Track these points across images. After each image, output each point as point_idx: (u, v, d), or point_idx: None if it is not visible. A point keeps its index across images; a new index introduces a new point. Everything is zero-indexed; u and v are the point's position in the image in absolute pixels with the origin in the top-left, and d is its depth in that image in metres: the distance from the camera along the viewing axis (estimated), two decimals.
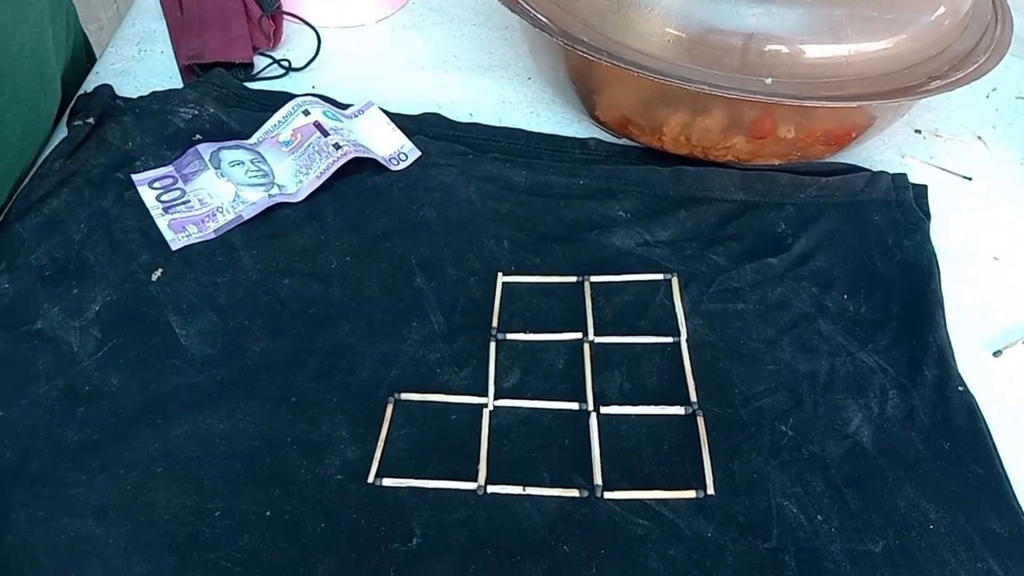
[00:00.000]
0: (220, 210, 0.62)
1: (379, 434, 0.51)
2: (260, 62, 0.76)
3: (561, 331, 0.57)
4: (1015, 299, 0.61)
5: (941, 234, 0.64)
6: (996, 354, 0.58)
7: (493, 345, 0.56)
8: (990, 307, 0.61)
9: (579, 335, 0.57)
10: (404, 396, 0.53)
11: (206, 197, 0.62)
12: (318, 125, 0.66)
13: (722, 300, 0.59)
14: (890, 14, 0.62)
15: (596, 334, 0.57)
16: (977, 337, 0.58)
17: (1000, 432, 0.53)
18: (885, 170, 0.67)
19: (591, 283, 0.59)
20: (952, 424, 0.53)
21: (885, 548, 0.47)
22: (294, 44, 0.79)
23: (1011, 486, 0.50)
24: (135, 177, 0.63)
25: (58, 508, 0.47)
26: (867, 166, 0.68)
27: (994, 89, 0.78)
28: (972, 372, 0.56)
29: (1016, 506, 0.49)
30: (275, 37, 0.77)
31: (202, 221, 0.61)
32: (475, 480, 0.49)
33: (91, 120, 0.67)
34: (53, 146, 0.65)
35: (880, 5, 0.62)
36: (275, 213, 0.62)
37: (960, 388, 0.54)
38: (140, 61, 0.76)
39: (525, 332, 0.57)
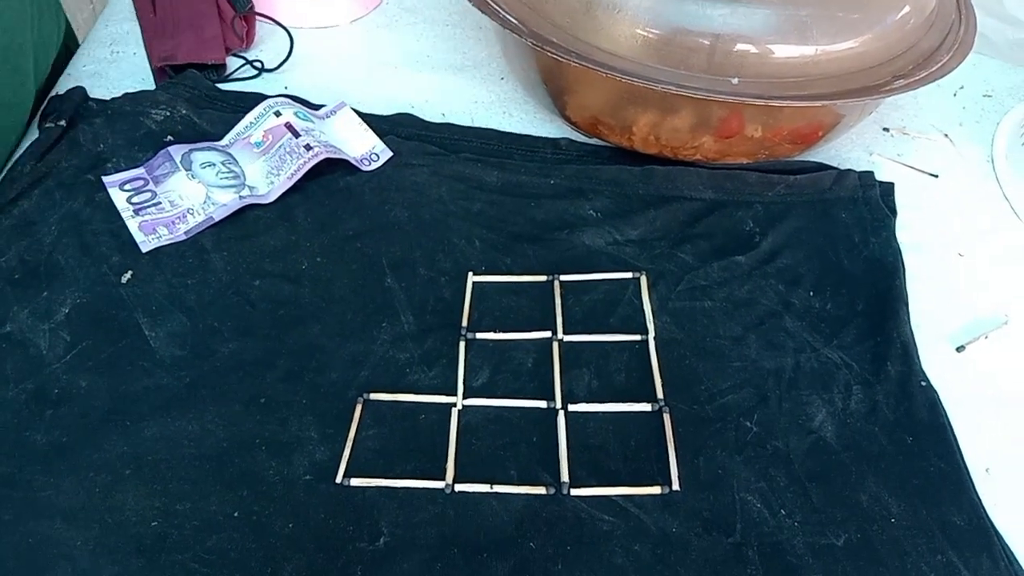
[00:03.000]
0: (191, 212, 0.62)
1: (348, 434, 0.51)
2: (233, 63, 0.76)
3: (531, 330, 0.57)
4: (978, 295, 0.62)
5: (907, 231, 0.65)
6: (959, 349, 0.59)
7: (463, 344, 0.56)
8: (954, 303, 0.61)
9: (548, 334, 0.57)
10: (373, 396, 0.53)
11: (177, 199, 0.62)
12: (289, 126, 0.66)
13: (690, 298, 0.59)
14: (855, 14, 0.63)
15: (565, 333, 0.57)
16: (941, 332, 0.59)
17: (961, 426, 0.53)
18: (852, 168, 0.68)
19: (561, 282, 0.60)
20: (915, 419, 0.54)
21: (847, 541, 0.48)
22: (267, 45, 0.79)
23: (971, 479, 0.51)
24: (106, 179, 0.63)
25: (26, 511, 0.47)
26: (835, 164, 0.69)
27: (961, 87, 0.79)
28: (935, 367, 0.56)
29: (976, 499, 0.50)
30: (248, 38, 0.78)
31: (172, 223, 0.61)
32: (443, 479, 0.50)
33: (63, 122, 0.67)
34: (24, 148, 0.65)
35: (846, 5, 0.62)
36: (246, 214, 0.62)
37: (923, 383, 0.55)
38: (113, 63, 0.76)
39: (495, 331, 0.57)
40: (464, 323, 0.57)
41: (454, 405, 0.53)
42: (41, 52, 0.70)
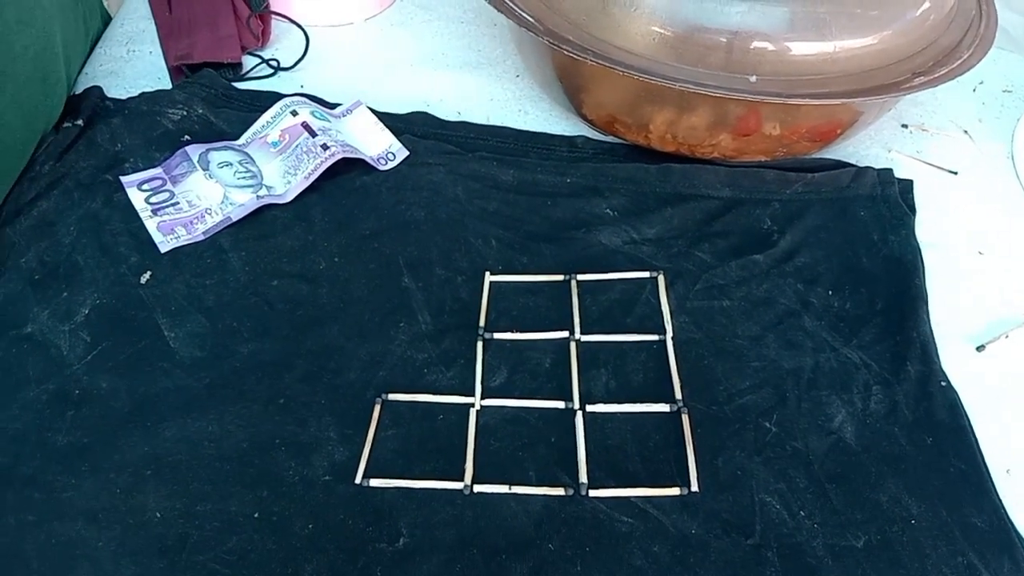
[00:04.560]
0: (209, 212, 0.62)
1: (367, 435, 0.51)
2: (249, 62, 0.76)
3: (548, 330, 0.57)
4: (999, 294, 0.62)
5: (926, 229, 0.64)
6: (979, 349, 0.58)
7: (480, 344, 0.56)
8: (974, 302, 0.61)
9: (566, 334, 0.57)
10: (392, 397, 0.53)
11: (195, 199, 0.63)
12: (306, 126, 0.66)
13: (708, 297, 0.59)
14: (874, 10, 0.62)
15: (583, 332, 0.57)
16: (961, 332, 0.59)
17: (982, 427, 0.53)
18: (871, 165, 0.68)
19: (578, 281, 0.60)
20: (934, 419, 0.53)
21: (867, 543, 0.48)
22: (283, 43, 0.79)
23: (992, 481, 0.51)
24: (124, 179, 0.64)
25: (48, 512, 0.47)
26: (853, 161, 0.69)
27: (981, 82, 0.78)
28: (955, 367, 0.56)
29: (996, 500, 0.50)
30: (263, 37, 0.78)
31: (191, 223, 0.61)
32: (462, 480, 0.50)
33: (80, 122, 0.67)
34: (42, 148, 0.65)
35: (864, 1, 0.62)
36: (263, 214, 0.63)
37: (943, 383, 0.55)
38: (129, 62, 0.76)
39: (512, 331, 0.57)
40: (481, 323, 0.57)
41: (472, 405, 0.53)
42: (72, 52, 0.70)
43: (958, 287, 0.61)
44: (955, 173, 0.70)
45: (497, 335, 0.57)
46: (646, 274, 0.60)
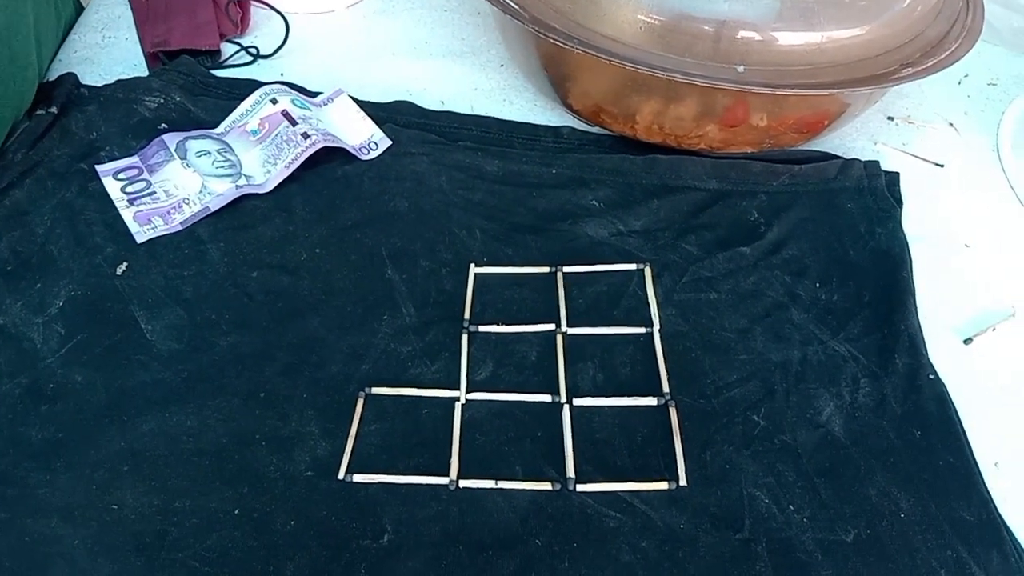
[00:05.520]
0: (186, 201, 0.61)
1: (349, 429, 0.50)
2: (227, 49, 0.75)
3: (534, 322, 0.56)
4: (986, 286, 0.61)
5: (913, 221, 0.64)
6: (967, 341, 0.58)
7: (465, 337, 0.55)
8: (961, 294, 0.61)
9: (552, 326, 0.56)
10: (375, 390, 0.52)
11: (172, 188, 0.61)
12: (286, 114, 0.65)
13: (695, 290, 0.59)
14: (863, 1, 0.62)
15: (569, 325, 0.56)
16: (948, 324, 0.59)
17: (970, 420, 0.53)
18: (858, 157, 0.67)
19: (564, 273, 0.59)
20: (923, 412, 0.53)
21: (856, 537, 0.48)
22: (262, 30, 0.77)
23: (980, 474, 0.51)
24: (99, 168, 0.62)
25: (22, 509, 0.46)
26: (840, 153, 0.68)
27: (966, 75, 0.78)
28: (943, 360, 0.56)
29: (985, 494, 0.50)
30: (242, 23, 0.76)
31: (168, 213, 0.60)
32: (447, 475, 0.49)
33: (54, 109, 0.65)
34: (14, 136, 0.63)
35: None
36: (243, 204, 0.61)
37: (931, 376, 0.55)
38: (104, 48, 0.74)
39: (498, 324, 0.56)
40: (466, 315, 0.56)
41: (457, 399, 0.52)
42: (44, 37, 0.68)
43: (944, 280, 0.61)
44: (941, 166, 0.70)
45: (482, 328, 0.56)
46: (633, 266, 0.60)
